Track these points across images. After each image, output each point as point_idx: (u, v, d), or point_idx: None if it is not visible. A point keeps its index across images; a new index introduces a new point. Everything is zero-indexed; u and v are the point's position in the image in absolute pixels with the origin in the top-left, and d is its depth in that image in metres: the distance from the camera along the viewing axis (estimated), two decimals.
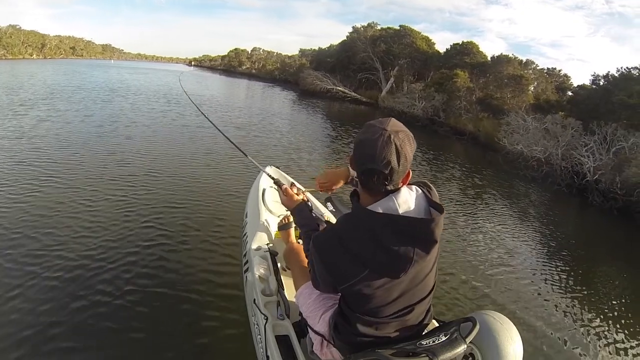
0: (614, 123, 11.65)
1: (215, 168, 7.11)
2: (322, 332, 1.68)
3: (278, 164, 4.27)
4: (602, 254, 6.65)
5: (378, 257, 1.21)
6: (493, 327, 1.55)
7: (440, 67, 23.54)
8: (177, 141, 9.07)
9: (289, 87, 34.72)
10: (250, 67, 58.54)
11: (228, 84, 35.93)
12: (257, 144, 9.94)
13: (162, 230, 4.38)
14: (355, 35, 30.70)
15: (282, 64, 47.87)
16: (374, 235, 1.20)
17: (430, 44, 27.71)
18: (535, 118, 13.91)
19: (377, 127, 1.20)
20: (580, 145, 11.04)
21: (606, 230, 8.49)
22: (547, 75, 23.14)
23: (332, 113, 21.04)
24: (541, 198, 9.85)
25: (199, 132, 10.29)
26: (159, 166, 6.78)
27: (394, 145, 1.16)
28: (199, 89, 24.06)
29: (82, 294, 3.15)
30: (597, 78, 16.86)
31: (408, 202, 1.24)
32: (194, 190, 5.76)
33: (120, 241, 4.02)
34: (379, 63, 28.50)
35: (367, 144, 1.20)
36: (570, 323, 3.98)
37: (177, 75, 15.80)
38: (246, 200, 3.67)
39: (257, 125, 12.75)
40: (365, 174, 1.24)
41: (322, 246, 1.35)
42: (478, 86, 20.55)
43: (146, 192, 5.46)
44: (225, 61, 68.62)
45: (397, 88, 26.95)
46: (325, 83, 28.07)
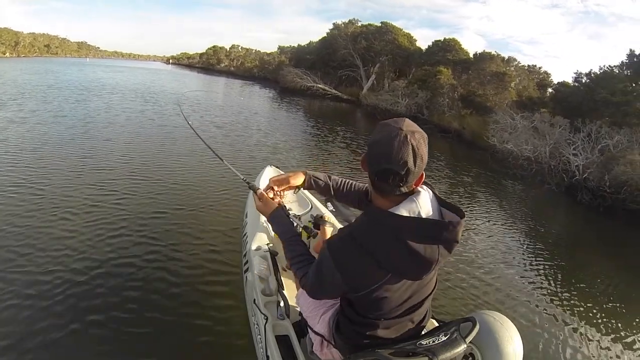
0: (598, 121, 11.70)
1: (215, 168, 6.97)
2: (322, 332, 1.67)
3: (259, 165, 4.47)
4: (595, 251, 6.64)
5: (404, 261, 1.18)
6: (493, 327, 1.55)
7: (422, 64, 23.29)
8: (170, 142, 8.76)
9: (268, 84, 34.11)
10: (228, 65, 57.66)
11: (207, 82, 35.21)
12: (238, 144, 9.58)
13: (161, 230, 4.38)
14: (336, 32, 30.16)
15: (261, 62, 47.14)
16: (400, 238, 1.16)
17: (412, 41, 27.40)
18: (523, 116, 13.68)
19: (393, 127, 1.17)
20: (568, 144, 10.97)
21: (596, 227, 8.44)
22: (528, 72, 23.07)
23: (313, 111, 20.63)
24: (531, 197, 9.72)
25: (193, 133, 9.80)
26: (151, 167, 6.68)
27: (410, 145, 1.13)
28: (177, 88, 23.34)
29: (81, 295, 3.13)
30: (580, 76, 16.88)
31: (427, 204, 1.23)
32: (193, 191, 5.73)
33: (118, 242, 4.00)
34: (359, 60, 28.05)
35: (383, 144, 1.15)
36: (568, 321, 3.98)
37: (176, 97, 15.09)
38: (246, 200, 3.66)
39: (237, 125, 12.33)
40: (380, 174, 1.20)
41: (340, 252, 1.26)
42: (460, 83, 20.33)
43: (142, 194, 5.39)
44: (204, 59, 67.70)
45: (377, 85, 26.65)
46: (306, 80, 27.40)
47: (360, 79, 28.62)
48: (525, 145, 11.66)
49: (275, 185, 1.75)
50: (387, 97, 20.10)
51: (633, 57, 15.63)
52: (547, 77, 23.33)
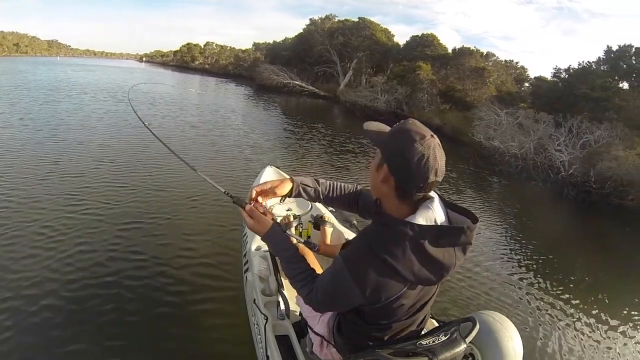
0: (579, 116, 11.73)
1: (214, 168, 6.96)
2: (322, 332, 1.65)
3: (241, 167, 4.95)
4: (586, 247, 6.60)
5: (424, 269, 1.15)
6: (493, 327, 1.54)
7: (401, 60, 22.92)
8: (154, 143, 8.18)
9: (243, 82, 33.22)
10: (203, 63, 56.24)
11: (181, 80, 34.05)
12: (216, 144, 9.10)
13: (161, 231, 4.33)
14: (313, 28, 29.48)
15: (235, 59, 46.04)
16: (422, 248, 1.13)
17: (389, 36, 26.91)
18: (508, 113, 13.39)
19: (416, 133, 1.12)
20: (552, 140, 10.89)
21: (583, 223, 8.40)
22: (506, 67, 22.90)
23: (291, 108, 20.06)
24: (519, 194, 9.56)
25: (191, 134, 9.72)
26: (140, 169, 6.46)
27: (435, 152, 1.11)
28: (151, 87, 22.16)
29: (79, 297, 3.09)
30: (559, 71, 16.95)
31: (439, 208, 1.21)
32: (192, 191, 5.58)
33: (117, 244, 3.94)
34: (336, 56, 27.46)
35: (411, 152, 1.10)
36: (567, 319, 3.96)
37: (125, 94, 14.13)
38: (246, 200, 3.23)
39: (213, 124, 11.77)
40: (405, 182, 1.15)
41: (358, 267, 1.18)
42: (439, 78, 20.02)
43: (138, 195, 5.31)
44: (178, 57, 65.67)
45: (355, 81, 26.18)
46: (282, 77, 26.62)
47: (337, 75, 28.02)
48: (511, 142, 11.35)
49: (260, 195, 1.59)
50: (366, 93, 19.56)
51: (610, 53, 15.79)
52: (524, 72, 23.31)
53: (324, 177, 1.71)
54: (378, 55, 25.59)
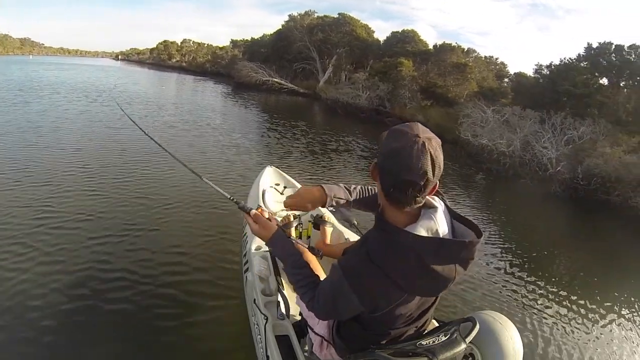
0: (562, 112, 11.72)
1: (213, 168, 6.91)
2: (322, 332, 1.64)
3: (224, 169, 5.03)
4: (577, 244, 6.50)
5: (423, 282, 1.14)
6: (493, 327, 1.53)
7: (381, 56, 22.55)
8: (143, 144, 7.84)
9: (222, 80, 32.36)
10: (180, 60, 55.13)
11: (158, 78, 33.02)
12: (194, 145, 8.72)
13: (161, 231, 4.29)
14: (292, 24, 28.73)
15: (213, 56, 45.09)
16: (420, 260, 1.10)
17: (369, 32, 26.45)
18: (495, 110, 13.09)
19: (410, 134, 1.06)
20: (538, 137, 10.78)
21: (573, 219, 8.37)
22: (487, 63, 22.72)
23: (270, 106, 19.45)
24: (508, 192, 9.51)
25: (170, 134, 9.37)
26: (131, 170, 6.23)
27: (429, 153, 1.04)
28: (127, 85, 21.32)
29: (78, 296, 3.06)
30: (540, 68, 16.96)
31: (443, 220, 1.17)
32: (192, 191, 5.48)
33: (117, 244, 3.90)
34: (315, 52, 26.87)
35: (402, 153, 1.05)
36: (567, 318, 3.92)
37: None
38: (246, 200, 3.44)
39: (191, 124, 11.26)
40: (398, 186, 1.09)
41: (355, 273, 1.18)
42: (419, 74, 19.71)
43: (133, 197, 5.16)
44: (154, 54, 64.78)
45: (334, 77, 25.67)
46: (261, 75, 25.86)
47: (317, 72, 27.42)
48: (500, 140, 11.04)
49: (290, 210, 1.82)
50: (347, 90, 19.01)
51: (590, 50, 15.83)
52: (504, 67, 23.19)
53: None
54: (358, 51, 25.11)
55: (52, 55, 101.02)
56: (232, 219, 4.61)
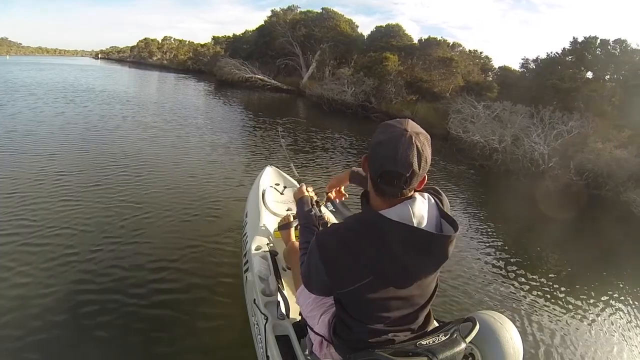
0: (549, 106, 11.65)
1: (213, 168, 6.83)
2: (322, 332, 1.64)
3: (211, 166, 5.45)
4: (577, 240, 6.40)
5: (386, 267, 1.16)
6: (493, 327, 1.52)
7: (365, 51, 22.03)
8: (160, 145, 8.13)
9: (204, 77, 31.46)
10: (161, 58, 53.62)
11: (138, 77, 31.90)
12: (178, 145, 8.32)
13: (161, 231, 4.27)
14: (275, 19, 27.90)
15: (195, 53, 43.82)
16: (385, 243, 1.13)
17: (353, 27, 25.86)
18: (486, 105, 12.69)
19: (398, 128, 1.12)
20: (529, 132, 10.52)
21: (567, 214, 7.85)
22: (472, 57, 22.40)
23: (253, 103, 18.78)
24: (501, 189, 9.29)
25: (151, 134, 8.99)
26: (145, 167, 6.37)
27: (415, 147, 1.08)
28: (107, 84, 20.31)
29: (78, 295, 3.05)
30: (527, 62, 16.86)
31: (422, 211, 1.17)
32: (191, 191, 5.51)
33: (116, 244, 3.86)
34: (298, 48, 26.18)
35: (388, 145, 1.11)
36: (567, 318, 3.87)
37: None
38: (246, 200, 3.65)
39: (173, 124, 10.72)
40: (383, 176, 1.14)
41: (324, 245, 1.26)
42: (405, 69, 19.29)
43: (137, 192, 5.25)
44: (135, 52, 62.93)
45: (318, 73, 25.08)
46: (244, 72, 25.01)
47: (300, 68, 26.74)
48: (492, 136, 10.65)
49: (330, 187, 2.06)
50: (332, 86, 18.40)
51: (576, 44, 15.65)
52: (489, 61, 22.90)
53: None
54: (342, 46, 24.50)
55: (30, 55, 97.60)
56: (232, 219, 4.59)
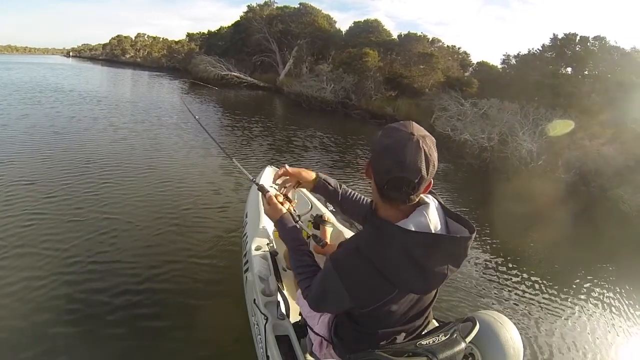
0: (533, 102, 11.59)
1: (213, 168, 6.81)
2: (322, 332, 1.62)
3: None
4: (571, 236, 6.17)
5: (413, 277, 1.12)
6: (493, 327, 1.51)
7: (343, 47, 21.36)
8: (156, 142, 8.21)
9: (178, 75, 30.19)
10: (134, 56, 51.97)
11: (111, 75, 30.43)
12: (154, 147, 7.91)
13: (160, 231, 4.24)
14: (251, 15, 26.83)
15: (169, 51, 42.40)
16: (410, 255, 1.09)
17: (331, 23, 25.11)
18: (473, 103, 12.19)
19: (403, 131, 1.08)
20: (515, 130, 10.22)
21: (558, 212, 7.60)
22: (452, 53, 22.01)
23: (230, 102, 18.01)
24: (494, 187, 8.60)
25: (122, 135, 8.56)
26: (140, 165, 6.40)
27: (422, 151, 1.05)
28: (77, 84, 19.08)
29: (78, 295, 3.06)
30: (508, 58, 16.60)
31: (435, 216, 1.15)
32: (191, 191, 5.51)
33: (116, 243, 3.88)
34: (275, 44, 25.33)
35: (394, 150, 1.06)
36: (567, 317, 3.81)
37: None
38: (246, 200, 3.70)
39: (147, 125, 10.20)
40: (391, 183, 1.09)
41: (345, 267, 1.18)
42: (384, 64, 18.77)
43: (136, 193, 5.21)
44: (107, 50, 60.58)
45: (294, 69, 24.31)
46: (219, 69, 24.02)
47: (277, 65, 25.88)
48: (481, 134, 10.17)
49: (284, 179, 1.70)
50: (311, 83, 17.69)
51: (556, 41, 15.45)
52: (467, 57, 22.60)
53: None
54: (320, 42, 23.73)
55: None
56: (232, 219, 4.61)
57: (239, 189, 5.71)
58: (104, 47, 65.06)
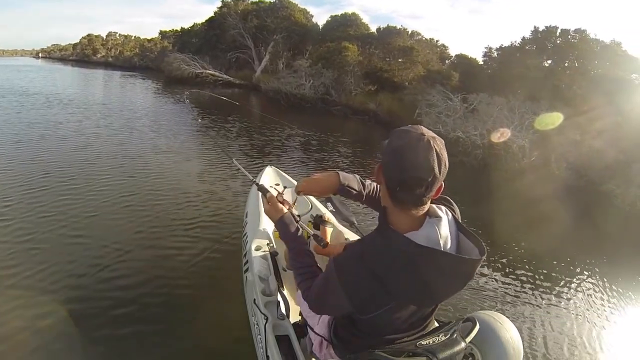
0: (517, 95, 11.36)
1: (211, 168, 6.71)
2: (322, 332, 1.60)
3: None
4: (569, 233, 6.02)
5: (415, 291, 1.10)
6: (493, 327, 1.50)
7: (320, 41, 20.66)
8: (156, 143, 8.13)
9: (151, 74, 28.98)
10: (106, 55, 49.91)
11: (81, 76, 28.81)
12: (130, 152, 7.38)
13: (160, 231, 4.24)
14: (225, 10, 25.65)
15: (141, 49, 40.93)
16: (414, 269, 1.05)
17: (308, 17, 24.26)
18: (463, 98, 11.62)
19: (414, 132, 1.07)
20: (505, 124, 9.81)
21: (554, 207, 7.39)
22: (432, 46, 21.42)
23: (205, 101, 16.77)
24: (487, 185, 8.43)
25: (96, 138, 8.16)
26: (142, 169, 6.30)
27: (434, 150, 1.03)
28: (44, 86, 17.72)
29: (77, 296, 3.05)
30: (490, 51, 16.10)
31: (446, 231, 1.11)
32: (191, 191, 5.45)
33: (116, 243, 3.86)
34: (250, 40, 24.31)
35: (408, 151, 1.04)
36: (568, 319, 3.71)
37: None
38: (246, 200, 3.67)
39: (117, 129, 9.45)
40: (404, 183, 1.06)
41: (347, 273, 1.15)
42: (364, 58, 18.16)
43: (139, 194, 5.20)
44: (78, 50, 57.97)
45: (270, 65, 23.44)
46: (193, 67, 22.82)
47: (252, 61, 24.87)
48: (474, 131, 9.64)
49: (305, 191, 1.60)
50: (290, 79, 16.83)
51: (537, 33, 15.12)
52: (445, 49, 22.15)
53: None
54: (296, 37, 22.84)
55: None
56: (232, 219, 4.58)
57: (238, 189, 5.69)
58: (75, 47, 62.47)
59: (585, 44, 14.09)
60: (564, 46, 14.43)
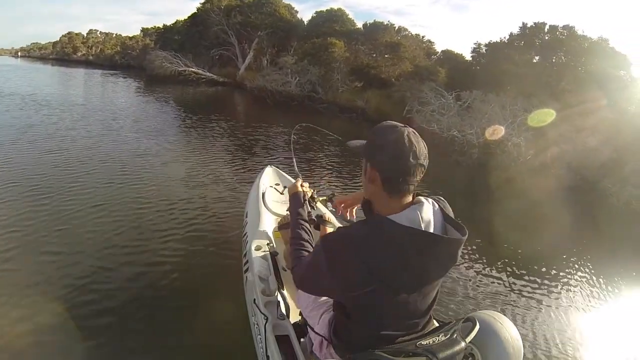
0: (507, 92, 11.20)
1: (213, 168, 6.68)
2: (322, 332, 1.58)
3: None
4: (570, 233, 5.84)
5: (397, 273, 1.10)
6: (493, 327, 1.47)
7: (306, 38, 20.09)
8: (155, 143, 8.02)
9: (133, 73, 28.19)
10: (86, 54, 48.68)
11: (61, 75, 27.73)
12: (110, 154, 7.07)
13: (160, 231, 4.23)
14: (208, 6, 24.81)
15: (122, 47, 39.87)
16: (395, 247, 1.07)
17: (293, 13, 23.63)
18: (457, 96, 11.24)
19: (398, 127, 1.14)
20: (499, 122, 9.53)
21: (552, 207, 7.18)
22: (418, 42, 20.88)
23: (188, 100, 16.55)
24: (484, 184, 8.23)
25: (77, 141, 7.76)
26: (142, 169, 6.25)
27: (419, 140, 1.13)
28: (20, 86, 16.78)
29: (76, 296, 3.05)
30: (479, 47, 15.71)
31: (429, 215, 1.14)
32: (191, 191, 5.44)
33: (116, 243, 3.88)
34: (234, 37, 23.64)
35: (394, 142, 1.11)
36: (568, 317, 3.68)
37: None
38: (246, 200, 3.65)
39: (100, 130, 9.05)
40: (393, 172, 1.12)
41: (333, 247, 1.18)
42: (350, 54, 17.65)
43: (136, 192, 5.25)
44: (58, 48, 56.84)
45: (254, 63, 22.88)
46: (176, 65, 22.13)
47: (236, 58, 24.23)
48: (469, 130, 9.25)
49: (342, 204, 1.83)
50: (275, 76, 16.26)
51: (525, 29, 14.89)
52: (431, 45, 21.79)
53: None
54: (281, 33, 22.20)
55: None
56: (232, 219, 4.55)
57: (238, 189, 5.66)
58: (54, 46, 61.08)
59: (573, 40, 13.89)
60: (553, 42, 14.21)
